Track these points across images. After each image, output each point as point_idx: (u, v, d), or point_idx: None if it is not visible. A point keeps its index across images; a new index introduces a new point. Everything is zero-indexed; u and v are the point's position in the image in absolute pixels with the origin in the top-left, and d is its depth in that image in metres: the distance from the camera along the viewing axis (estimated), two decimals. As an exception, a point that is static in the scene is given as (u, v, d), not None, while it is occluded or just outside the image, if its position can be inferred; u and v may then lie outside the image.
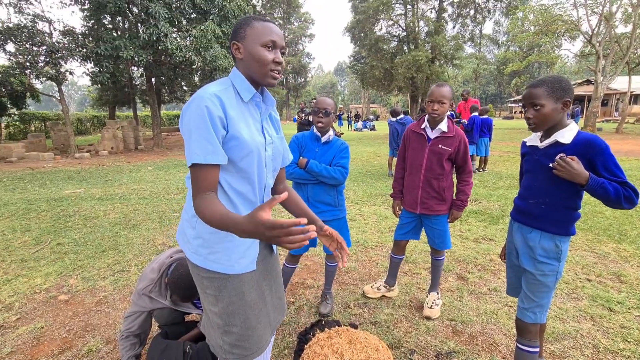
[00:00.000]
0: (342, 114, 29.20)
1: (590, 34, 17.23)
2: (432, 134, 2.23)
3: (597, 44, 17.03)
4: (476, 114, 7.66)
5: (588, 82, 28.83)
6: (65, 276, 3.04)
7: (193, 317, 2.27)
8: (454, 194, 2.34)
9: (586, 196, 5.60)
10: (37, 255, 3.50)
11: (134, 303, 1.82)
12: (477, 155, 7.90)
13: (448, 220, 2.33)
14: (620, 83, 27.26)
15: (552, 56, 21.81)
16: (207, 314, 1.24)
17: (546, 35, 18.72)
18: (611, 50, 17.40)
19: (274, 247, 1.37)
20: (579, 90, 29.77)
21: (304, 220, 0.82)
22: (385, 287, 2.64)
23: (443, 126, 2.20)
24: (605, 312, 2.40)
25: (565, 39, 20.30)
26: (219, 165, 1.07)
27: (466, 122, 7.65)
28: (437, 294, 2.48)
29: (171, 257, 1.85)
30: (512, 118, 37.35)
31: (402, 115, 7.20)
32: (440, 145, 2.21)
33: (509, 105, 43.60)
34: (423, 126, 2.27)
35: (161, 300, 1.79)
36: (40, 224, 4.47)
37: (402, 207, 2.49)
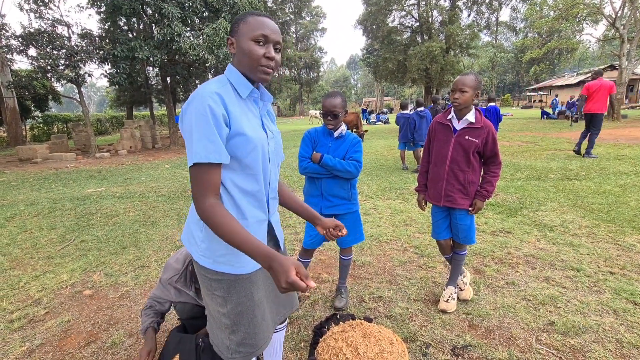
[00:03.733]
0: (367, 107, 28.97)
1: (614, 17, 16.49)
2: (459, 125, 2.17)
3: (621, 27, 16.29)
4: (494, 104, 7.43)
5: (612, 67, 27.66)
6: (90, 272, 3.16)
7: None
8: (479, 184, 2.24)
9: (609, 185, 5.36)
10: (63, 252, 3.64)
11: (159, 289, 1.92)
12: None
13: (470, 210, 2.25)
14: (646, 67, 26.00)
15: (573, 42, 21.06)
16: (212, 315, 1.24)
17: (566, 20, 18.02)
18: (636, 34, 16.61)
19: (281, 243, 1.38)
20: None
21: (313, 286, 0.93)
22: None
23: (470, 117, 2.13)
24: (630, 306, 2.33)
25: (587, 23, 19.52)
26: (221, 165, 1.06)
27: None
28: (455, 288, 2.45)
29: None
30: (531, 107, 36.21)
31: (422, 108, 7.07)
32: (467, 137, 2.13)
33: (528, 94, 42.33)
34: (449, 117, 2.21)
35: (186, 290, 1.86)
36: (65, 222, 4.65)
37: (427, 202, 2.45)
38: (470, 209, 2.25)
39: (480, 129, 2.13)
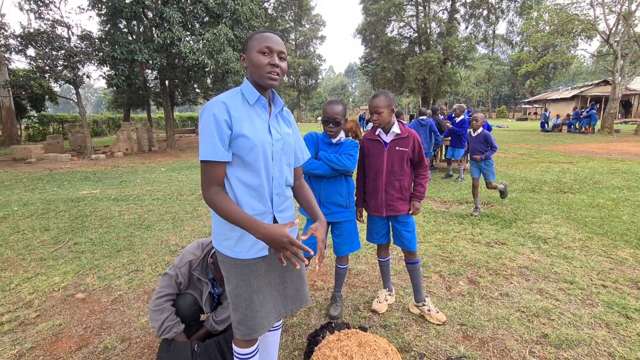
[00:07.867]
0: (364, 115, 28.91)
1: (608, 33, 16.84)
2: (387, 138, 2.31)
3: (615, 44, 16.63)
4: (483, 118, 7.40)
5: (606, 82, 28.13)
6: (82, 275, 3.13)
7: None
8: (412, 187, 2.41)
9: (602, 199, 5.37)
10: (56, 254, 3.60)
11: (168, 277, 1.94)
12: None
13: (410, 212, 2.35)
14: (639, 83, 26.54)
15: (568, 56, 21.37)
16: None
17: (562, 35, 18.35)
18: (630, 50, 16.95)
19: None
20: (596, 91, 29.04)
21: (311, 252, 1.17)
22: (390, 293, 2.64)
23: (395, 129, 2.29)
24: (622, 320, 2.35)
25: (581, 39, 19.84)
26: (222, 162, 1.23)
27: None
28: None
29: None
30: (526, 119, 36.62)
31: (424, 117, 7.06)
32: (397, 147, 2.30)
33: (523, 106, 42.83)
34: (377, 132, 2.35)
35: (203, 278, 1.91)
36: (59, 224, 4.60)
37: (365, 214, 2.54)
38: (410, 212, 2.36)
39: (407, 138, 2.30)
